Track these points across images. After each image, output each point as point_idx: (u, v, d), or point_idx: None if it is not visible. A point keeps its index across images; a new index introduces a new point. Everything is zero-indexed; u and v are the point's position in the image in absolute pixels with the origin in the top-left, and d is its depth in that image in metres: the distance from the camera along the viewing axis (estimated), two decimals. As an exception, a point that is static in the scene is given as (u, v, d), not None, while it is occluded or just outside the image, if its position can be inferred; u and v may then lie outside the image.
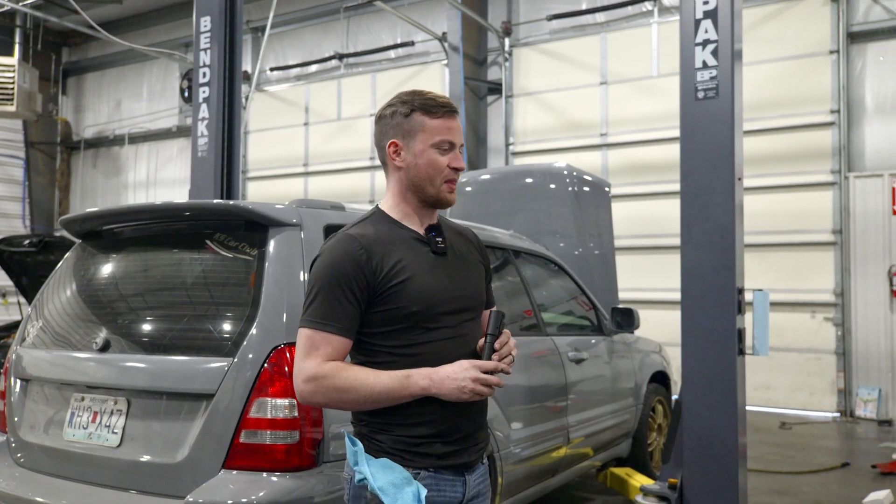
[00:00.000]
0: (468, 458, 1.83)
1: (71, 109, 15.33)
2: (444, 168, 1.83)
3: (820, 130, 8.40)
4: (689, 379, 3.70)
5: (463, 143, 1.89)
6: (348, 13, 11.72)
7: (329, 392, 1.71)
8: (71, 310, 3.01)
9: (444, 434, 1.77)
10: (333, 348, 1.73)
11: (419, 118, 1.83)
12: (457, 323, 1.83)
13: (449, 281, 1.83)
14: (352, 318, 1.74)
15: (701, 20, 3.69)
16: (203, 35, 5.46)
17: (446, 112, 1.84)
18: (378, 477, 1.70)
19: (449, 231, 1.95)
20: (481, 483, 1.88)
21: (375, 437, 1.77)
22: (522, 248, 4.16)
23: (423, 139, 1.83)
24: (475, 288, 1.92)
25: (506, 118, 10.43)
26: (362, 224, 1.85)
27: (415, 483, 1.71)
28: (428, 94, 1.87)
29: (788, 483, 5.34)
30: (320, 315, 1.73)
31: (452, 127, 1.85)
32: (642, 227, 9.14)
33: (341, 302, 1.73)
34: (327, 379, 1.70)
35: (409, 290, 1.76)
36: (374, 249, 1.77)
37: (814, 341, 8.35)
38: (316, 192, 11.63)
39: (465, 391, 1.70)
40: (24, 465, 2.84)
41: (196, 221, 2.85)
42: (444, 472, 1.78)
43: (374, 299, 1.76)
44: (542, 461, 3.65)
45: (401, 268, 1.77)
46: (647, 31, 9.52)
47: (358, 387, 1.70)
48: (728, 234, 3.61)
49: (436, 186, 1.84)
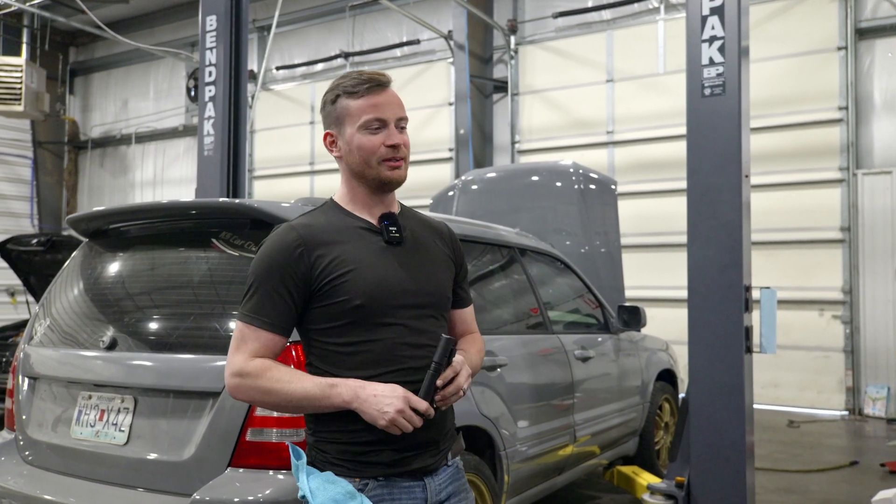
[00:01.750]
0: (423, 463, 1.69)
1: (78, 109, 15.39)
2: (378, 147, 1.71)
3: (828, 127, 8.36)
4: (697, 377, 3.68)
5: (403, 116, 1.75)
6: (354, 12, 11.72)
7: (251, 391, 1.64)
8: (78, 308, 3.02)
9: (391, 441, 1.64)
10: (261, 344, 1.65)
11: (343, 103, 1.73)
12: (413, 318, 1.69)
13: (403, 272, 1.71)
14: (283, 313, 1.65)
15: (707, 17, 3.67)
16: (209, 34, 5.47)
17: (370, 88, 1.71)
18: (318, 494, 1.59)
19: (413, 222, 1.83)
20: (451, 484, 1.76)
21: (321, 448, 1.68)
22: (528, 246, 4.15)
23: (351, 123, 1.72)
24: (437, 283, 1.78)
25: (512, 116, 10.42)
26: (311, 214, 1.77)
27: (359, 497, 1.59)
28: (353, 74, 1.75)
29: (796, 481, 5.32)
30: (251, 308, 1.66)
31: (379, 103, 1.71)
32: (649, 224, 9.12)
33: (272, 296, 1.64)
34: (250, 377, 1.62)
35: (351, 283, 1.64)
36: (314, 241, 1.67)
37: (822, 339, 8.31)
38: (322, 191, 11.64)
39: (384, 418, 1.56)
40: (32, 463, 2.85)
41: (202, 220, 2.85)
42: (396, 479, 1.66)
43: (314, 294, 1.66)
44: (548, 459, 3.64)
45: (342, 259, 1.66)
46: (654, 28, 9.48)
47: (279, 389, 1.60)
48: (735, 232, 3.59)
49: (374, 168, 1.72)
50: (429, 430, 1.67)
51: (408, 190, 2.62)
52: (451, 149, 10.63)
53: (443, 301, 1.81)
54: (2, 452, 2.95)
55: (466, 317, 1.95)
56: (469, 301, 1.96)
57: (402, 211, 1.85)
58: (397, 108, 1.75)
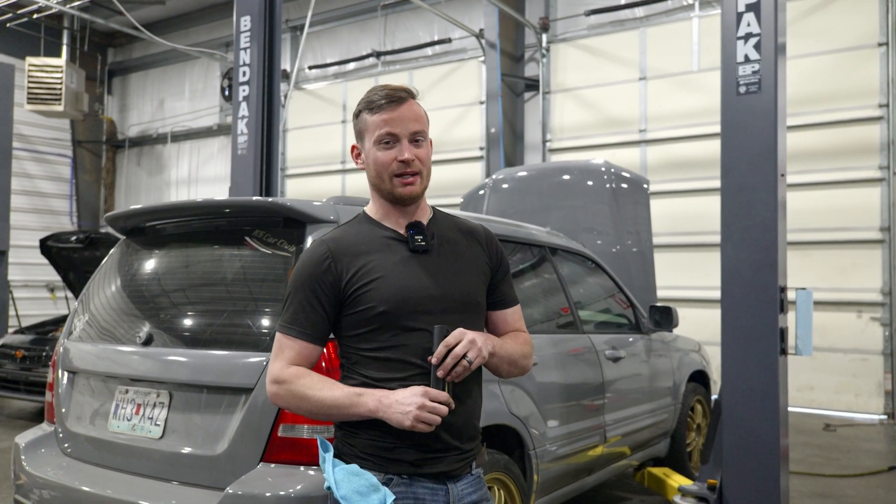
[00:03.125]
0: (447, 468, 1.74)
1: (116, 109, 15.69)
2: (391, 163, 1.75)
3: (868, 125, 8.18)
4: (730, 379, 3.64)
5: (418, 130, 1.77)
6: (385, 11, 11.77)
7: (288, 397, 1.73)
8: (115, 304, 3.08)
9: (417, 442, 1.69)
10: (296, 352, 1.75)
11: (364, 118, 1.80)
12: (440, 323, 1.72)
13: (428, 279, 1.75)
14: (316, 323, 1.75)
15: (743, 13, 3.62)
16: (243, 34, 5.54)
17: (387, 104, 1.75)
18: (342, 485, 1.65)
19: (446, 228, 1.87)
20: (475, 493, 1.79)
21: (348, 442, 1.75)
22: (559, 245, 4.13)
23: (369, 138, 1.79)
24: (464, 288, 1.81)
25: (543, 115, 10.37)
26: (342, 228, 1.85)
27: (382, 490, 1.65)
28: (380, 88, 1.79)
29: (832, 486, 5.22)
30: (287, 319, 1.77)
31: (392, 118, 1.75)
32: (681, 224, 9.02)
33: (304, 307, 1.74)
34: (286, 384, 1.72)
35: (377, 291, 1.71)
36: (341, 253, 1.75)
37: (860, 341, 8.13)
38: (353, 189, 11.72)
39: (408, 418, 1.61)
40: (70, 455, 2.92)
41: (236, 218, 2.89)
42: (420, 479, 1.71)
43: (343, 303, 1.75)
44: (578, 459, 3.62)
45: (369, 269, 1.73)
46: (688, 25, 9.37)
47: (311, 396, 1.69)
48: (770, 232, 3.54)
49: (386, 183, 1.77)
50: (450, 432, 1.72)
51: (438, 189, 2.64)
52: (482, 147, 10.61)
53: (471, 305, 1.83)
54: (42, 444, 3.03)
55: (509, 318, 1.95)
56: (513, 301, 1.96)
57: (434, 217, 1.88)
58: (411, 123, 1.77)
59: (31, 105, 12.09)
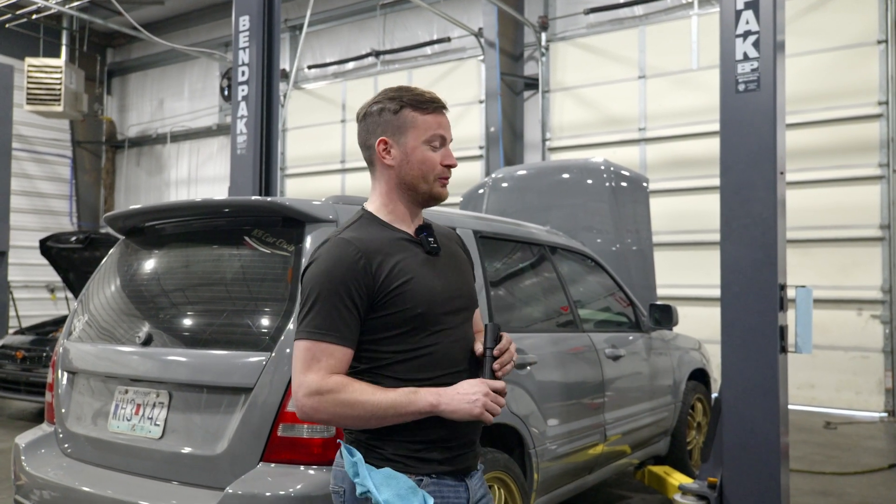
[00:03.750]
0: (466, 464, 1.78)
1: (115, 109, 15.69)
2: (437, 165, 1.78)
3: (867, 123, 8.18)
4: (730, 377, 3.64)
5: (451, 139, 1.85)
6: (384, 10, 11.77)
7: (334, 407, 1.61)
8: (115, 304, 3.08)
9: (444, 440, 1.71)
10: (336, 360, 1.64)
11: (409, 114, 1.77)
12: (457, 324, 1.78)
13: (446, 281, 1.79)
14: (352, 326, 1.66)
15: (742, 11, 3.61)
16: (242, 34, 5.54)
17: (437, 108, 1.80)
18: (382, 489, 1.61)
19: (438, 233, 1.89)
20: (482, 487, 1.84)
21: (374, 445, 1.69)
22: (559, 244, 4.13)
23: (415, 136, 1.76)
24: (469, 288, 1.89)
25: (542, 113, 10.37)
26: (353, 227, 1.77)
27: (420, 492, 1.63)
28: (416, 90, 1.81)
29: (833, 484, 5.22)
30: (319, 325, 1.64)
31: (443, 122, 1.80)
32: (681, 222, 9.02)
33: (340, 310, 1.64)
34: (332, 394, 1.60)
35: (412, 292, 1.69)
36: (372, 253, 1.69)
37: (860, 339, 8.13)
38: (353, 189, 11.72)
39: (476, 406, 1.64)
40: (70, 456, 2.92)
41: (235, 218, 2.89)
42: (445, 477, 1.72)
43: (375, 305, 1.68)
44: (578, 458, 3.63)
45: (400, 269, 1.70)
46: (687, 23, 9.36)
47: (364, 402, 1.61)
48: (770, 230, 3.54)
49: (429, 183, 1.78)
50: (473, 427, 1.78)
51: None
52: (482, 146, 10.61)
53: (475, 304, 1.91)
54: (42, 445, 3.03)
55: (478, 316, 2.00)
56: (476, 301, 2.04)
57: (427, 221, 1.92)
58: (450, 130, 1.84)
59: (30, 106, 12.09)
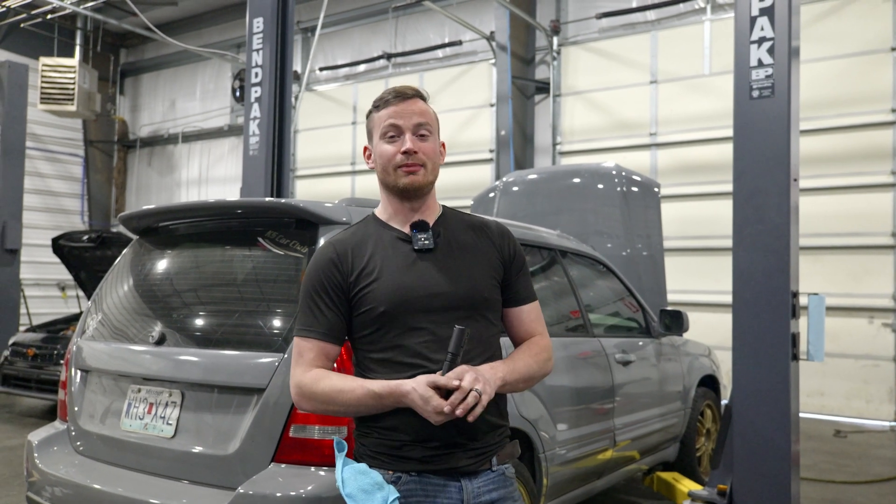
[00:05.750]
0: (458, 463, 1.70)
1: (128, 109, 15.78)
2: (395, 155, 1.78)
3: (880, 130, 8.14)
4: (741, 384, 3.63)
5: (422, 122, 1.79)
6: (396, 13, 11.79)
7: (312, 400, 1.73)
8: (128, 304, 3.10)
9: (423, 440, 1.69)
10: (316, 354, 1.75)
11: (372, 116, 1.85)
12: (446, 321, 1.71)
13: (431, 278, 1.75)
14: (332, 322, 1.76)
15: (757, 17, 3.61)
16: (256, 36, 5.56)
17: (392, 99, 1.80)
18: (348, 483, 1.66)
19: (455, 225, 1.86)
20: (495, 490, 1.75)
21: (361, 441, 1.79)
22: (569, 248, 4.13)
23: (376, 134, 1.82)
24: (471, 285, 1.78)
25: (553, 117, 10.36)
26: (351, 228, 1.87)
27: (386, 488, 1.64)
28: (390, 89, 1.84)
29: (843, 493, 5.19)
30: (303, 322, 1.78)
31: (398, 111, 1.79)
32: (692, 228, 8.99)
33: (320, 307, 1.76)
34: (308, 387, 1.72)
35: (376, 291, 1.73)
36: (348, 253, 1.78)
37: (871, 347, 8.09)
38: (362, 191, 11.75)
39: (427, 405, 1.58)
40: (83, 453, 2.94)
41: (248, 219, 2.90)
42: (430, 476, 1.70)
43: (351, 303, 1.77)
44: (587, 463, 3.62)
45: (371, 269, 1.76)
46: (700, 28, 9.34)
47: (335, 397, 1.69)
48: (782, 237, 3.53)
49: (391, 175, 1.79)
50: (456, 430, 1.69)
51: (447, 191, 2.62)
52: (492, 150, 10.62)
53: (479, 301, 1.79)
54: (54, 442, 3.05)
55: (524, 316, 1.91)
56: (528, 298, 1.92)
57: (443, 215, 1.87)
58: (415, 116, 1.79)
59: (44, 105, 12.18)
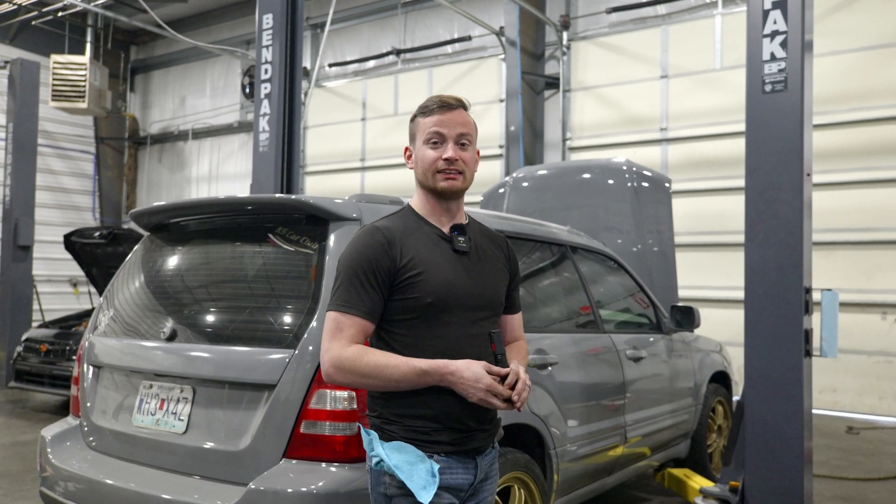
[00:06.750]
0: (477, 444, 1.91)
1: (138, 106, 15.84)
2: (435, 160, 1.91)
3: (894, 124, 8.05)
4: (753, 380, 3.60)
5: (464, 132, 1.92)
6: (405, 8, 11.77)
7: (351, 375, 1.80)
8: (140, 300, 3.11)
9: (450, 426, 1.85)
10: (356, 330, 1.83)
11: (417, 121, 1.97)
12: (473, 320, 1.90)
13: (467, 278, 1.91)
14: (374, 302, 1.84)
15: (770, 10, 3.58)
16: (265, 32, 5.57)
17: (438, 108, 1.93)
18: (392, 456, 1.80)
19: (478, 233, 2.03)
20: (491, 466, 1.97)
21: (387, 427, 1.87)
22: (580, 244, 4.11)
23: (419, 138, 1.95)
24: (494, 290, 1.99)
25: (563, 113, 10.33)
26: (390, 218, 1.97)
27: (428, 460, 1.80)
28: (435, 97, 1.96)
29: (856, 490, 5.15)
30: (345, 299, 1.84)
31: (443, 120, 1.92)
32: (704, 223, 8.94)
33: (364, 287, 1.83)
34: (350, 362, 1.79)
35: (424, 282, 1.84)
36: (396, 240, 1.87)
37: (885, 343, 8.02)
38: (372, 187, 11.74)
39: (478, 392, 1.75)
40: (95, 449, 2.95)
41: (259, 215, 2.91)
42: (455, 456, 1.87)
43: (394, 287, 1.85)
44: (598, 459, 3.61)
45: (418, 261, 1.86)
46: (711, 22, 9.28)
47: (384, 365, 1.78)
48: (795, 232, 3.50)
49: (430, 179, 1.93)
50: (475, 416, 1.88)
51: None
52: (502, 146, 10.59)
53: (497, 306, 2.02)
54: (67, 437, 3.07)
55: (515, 323, 2.15)
56: (519, 308, 2.16)
57: (469, 222, 2.04)
58: (459, 126, 1.93)
59: (55, 102, 12.25)
